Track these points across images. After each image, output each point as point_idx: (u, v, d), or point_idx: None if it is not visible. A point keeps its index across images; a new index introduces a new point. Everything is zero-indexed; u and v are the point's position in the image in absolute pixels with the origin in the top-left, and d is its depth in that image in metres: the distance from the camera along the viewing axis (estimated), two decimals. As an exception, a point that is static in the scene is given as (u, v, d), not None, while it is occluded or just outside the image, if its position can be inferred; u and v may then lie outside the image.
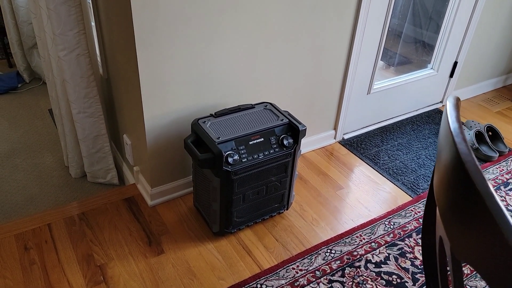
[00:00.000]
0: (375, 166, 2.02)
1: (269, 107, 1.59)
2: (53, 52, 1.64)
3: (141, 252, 1.52)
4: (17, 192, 1.95)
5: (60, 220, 1.63)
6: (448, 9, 2.21)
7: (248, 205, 1.55)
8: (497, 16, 2.42)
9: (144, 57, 1.38)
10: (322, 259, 1.52)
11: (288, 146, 1.51)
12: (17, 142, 2.27)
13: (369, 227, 1.67)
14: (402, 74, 2.32)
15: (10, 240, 1.54)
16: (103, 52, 1.74)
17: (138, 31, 1.32)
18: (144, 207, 1.70)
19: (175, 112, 1.56)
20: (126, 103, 1.66)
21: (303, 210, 1.74)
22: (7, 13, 2.53)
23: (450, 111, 0.61)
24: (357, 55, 1.94)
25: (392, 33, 2.41)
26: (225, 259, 1.51)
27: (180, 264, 1.48)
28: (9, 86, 2.69)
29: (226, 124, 1.48)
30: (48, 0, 1.48)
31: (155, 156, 1.61)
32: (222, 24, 1.48)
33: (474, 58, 2.52)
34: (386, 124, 2.34)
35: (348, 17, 1.80)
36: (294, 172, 1.60)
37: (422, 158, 2.10)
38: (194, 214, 1.69)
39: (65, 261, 1.47)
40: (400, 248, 1.59)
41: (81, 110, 1.73)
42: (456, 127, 0.56)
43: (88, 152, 1.86)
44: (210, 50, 1.51)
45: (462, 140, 0.53)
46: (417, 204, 1.80)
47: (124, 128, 1.80)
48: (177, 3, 1.35)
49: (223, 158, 1.38)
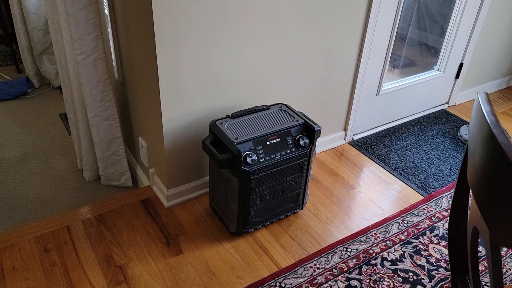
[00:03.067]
0: (386, 166, 2.05)
1: (284, 108, 1.61)
2: (70, 56, 1.67)
3: (159, 252, 1.54)
4: (32, 195, 1.97)
5: (78, 222, 1.65)
6: (453, 12, 2.25)
7: (264, 205, 1.57)
8: (501, 19, 2.46)
9: (163, 60, 1.41)
10: (339, 258, 1.54)
11: (304, 146, 1.53)
12: (29, 147, 2.29)
13: (383, 226, 1.69)
14: (407, 76, 2.36)
15: (30, 242, 1.55)
16: (118, 56, 1.77)
17: (158, 35, 1.35)
18: (161, 208, 1.72)
19: (192, 113, 1.59)
20: (143, 106, 1.68)
21: (317, 210, 1.77)
22: (17, 20, 2.56)
23: (484, 105, 0.63)
24: (367, 58, 1.97)
25: (398, 36, 2.44)
26: (243, 258, 1.53)
27: (198, 264, 1.50)
28: (19, 91, 2.71)
29: (243, 125, 1.50)
30: (67, 6, 1.51)
31: (172, 157, 1.63)
32: (238, 27, 1.51)
33: (479, 59, 2.56)
34: (394, 125, 2.37)
35: (358, 21, 1.83)
36: (309, 172, 1.62)
37: (431, 158, 2.13)
38: (210, 214, 1.71)
39: (85, 262, 1.49)
40: (414, 246, 1.61)
41: (97, 114, 1.76)
42: (493, 120, 0.59)
43: (103, 155, 1.88)
44: (224, 52, 1.54)
45: (500, 132, 0.56)
46: (429, 203, 1.82)
47: (139, 130, 1.83)
48: (195, 8, 1.38)
49: (241, 158, 1.40)
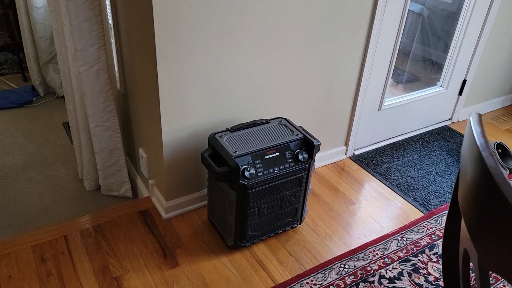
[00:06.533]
0: (386, 182, 2.03)
1: (284, 122, 1.62)
2: (73, 67, 1.69)
3: (156, 264, 1.53)
4: (32, 204, 1.98)
5: (76, 232, 1.65)
6: (457, 28, 2.26)
7: (262, 219, 1.57)
8: (505, 36, 2.46)
9: (164, 72, 1.42)
10: (336, 274, 1.53)
11: (303, 161, 1.53)
12: (32, 155, 2.31)
13: (382, 243, 1.67)
14: (411, 92, 2.36)
15: (27, 251, 1.56)
16: (121, 67, 1.78)
17: (159, 48, 1.37)
18: (159, 220, 1.72)
19: (192, 126, 1.59)
20: (143, 117, 1.69)
21: (315, 225, 1.75)
22: (25, 29, 2.60)
23: (474, 126, 0.63)
24: (369, 73, 1.98)
25: (401, 52, 2.45)
26: (239, 273, 1.52)
27: (195, 277, 1.49)
28: (24, 100, 2.74)
29: (242, 139, 1.51)
30: (71, 17, 1.53)
31: (171, 169, 1.64)
32: (239, 41, 1.52)
33: (482, 76, 2.56)
34: (396, 141, 2.36)
35: (360, 36, 1.84)
36: (308, 186, 1.61)
37: (433, 174, 2.11)
38: (208, 227, 1.70)
39: (81, 273, 1.48)
40: (413, 264, 1.59)
41: (98, 124, 1.77)
42: (483, 142, 0.58)
43: (104, 165, 1.89)
44: (226, 66, 1.55)
45: (489, 155, 0.56)
46: (429, 220, 1.80)
47: (140, 141, 1.83)
48: (197, 21, 1.40)
49: (240, 172, 1.40)
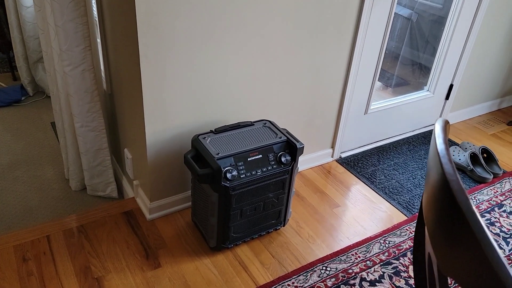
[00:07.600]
0: (372, 185, 2.05)
1: (268, 125, 1.62)
2: (59, 67, 1.69)
3: (138, 265, 1.53)
4: (17, 203, 1.97)
5: (59, 232, 1.65)
6: (444, 33, 2.28)
7: (245, 221, 1.57)
8: (491, 42, 2.49)
9: (147, 74, 1.42)
10: (318, 276, 1.54)
11: (286, 163, 1.54)
12: (18, 154, 2.30)
13: (365, 245, 1.69)
14: (399, 95, 2.37)
15: (9, 251, 1.55)
16: (107, 68, 1.79)
17: (142, 48, 1.37)
18: (143, 221, 1.72)
19: (176, 127, 1.60)
20: (129, 118, 1.69)
21: (299, 227, 1.76)
22: (14, 28, 2.59)
23: (438, 133, 0.64)
24: (355, 76, 1.99)
25: (390, 55, 2.47)
26: (221, 275, 1.53)
27: (176, 278, 1.50)
28: (13, 98, 2.73)
29: (225, 141, 1.51)
30: (56, 17, 1.53)
31: (155, 170, 1.64)
32: (224, 43, 1.53)
33: (469, 81, 2.58)
34: (382, 144, 2.38)
35: (346, 38, 1.85)
36: (292, 189, 1.62)
37: (417, 178, 2.13)
38: (192, 228, 1.71)
39: (62, 273, 1.48)
40: (394, 267, 1.60)
41: (84, 124, 1.77)
42: (443, 148, 0.59)
43: (89, 165, 1.89)
44: (211, 68, 1.55)
45: (448, 161, 0.57)
46: (412, 224, 1.82)
47: (125, 142, 1.83)
48: (181, 23, 1.40)
49: (222, 174, 1.41)
